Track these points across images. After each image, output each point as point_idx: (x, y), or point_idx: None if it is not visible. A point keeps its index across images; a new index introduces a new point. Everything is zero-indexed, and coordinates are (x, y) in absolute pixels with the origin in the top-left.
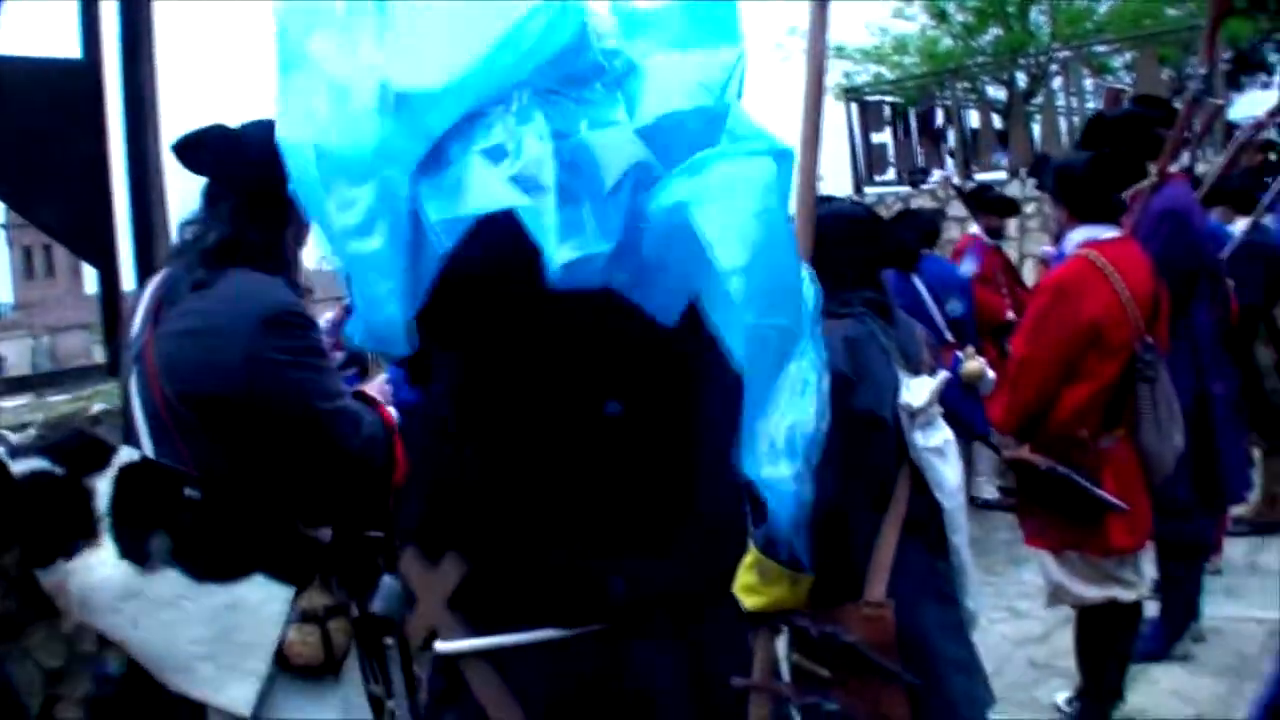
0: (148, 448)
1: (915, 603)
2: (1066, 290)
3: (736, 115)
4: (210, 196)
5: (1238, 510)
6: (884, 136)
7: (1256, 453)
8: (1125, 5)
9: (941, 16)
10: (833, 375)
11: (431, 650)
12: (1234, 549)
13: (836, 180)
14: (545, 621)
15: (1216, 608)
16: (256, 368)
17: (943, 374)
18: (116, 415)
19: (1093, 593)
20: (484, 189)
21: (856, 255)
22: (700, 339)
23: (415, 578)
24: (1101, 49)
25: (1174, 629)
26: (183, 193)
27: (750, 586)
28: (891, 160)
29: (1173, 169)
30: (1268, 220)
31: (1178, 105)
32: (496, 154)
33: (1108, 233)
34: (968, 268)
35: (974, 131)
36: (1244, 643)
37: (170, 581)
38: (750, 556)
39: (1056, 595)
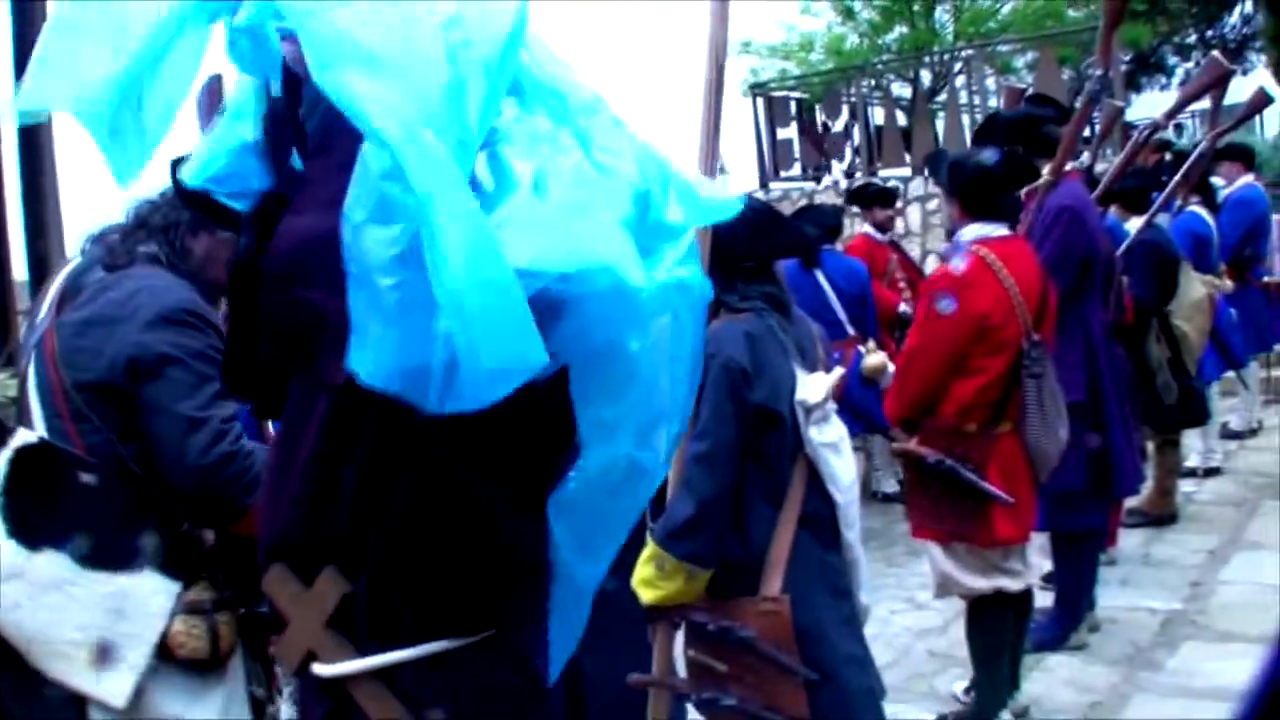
0: (42, 433)
1: (810, 597)
2: (956, 286)
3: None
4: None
5: (1132, 503)
6: (790, 132)
7: (1150, 446)
8: (1028, 6)
9: (848, 14)
10: (733, 370)
11: (308, 673)
12: (1128, 540)
13: (743, 175)
14: (436, 634)
15: (1112, 597)
16: (141, 357)
17: (838, 370)
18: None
19: (979, 583)
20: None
21: (753, 250)
22: None
23: (285, 598)
24: (1004, 49)
25: (1069, 619)
26: (75, 186)
27: (648, 580)
28: (797, 156)
29: (1069, 167)
30: (1161, 219)
31: (1077, 105)
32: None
33: (998, 230)
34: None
35: (879, 129)
36: (1138, 632)
37: (56, 564)
38: (649, 550)
39: (945, 586)
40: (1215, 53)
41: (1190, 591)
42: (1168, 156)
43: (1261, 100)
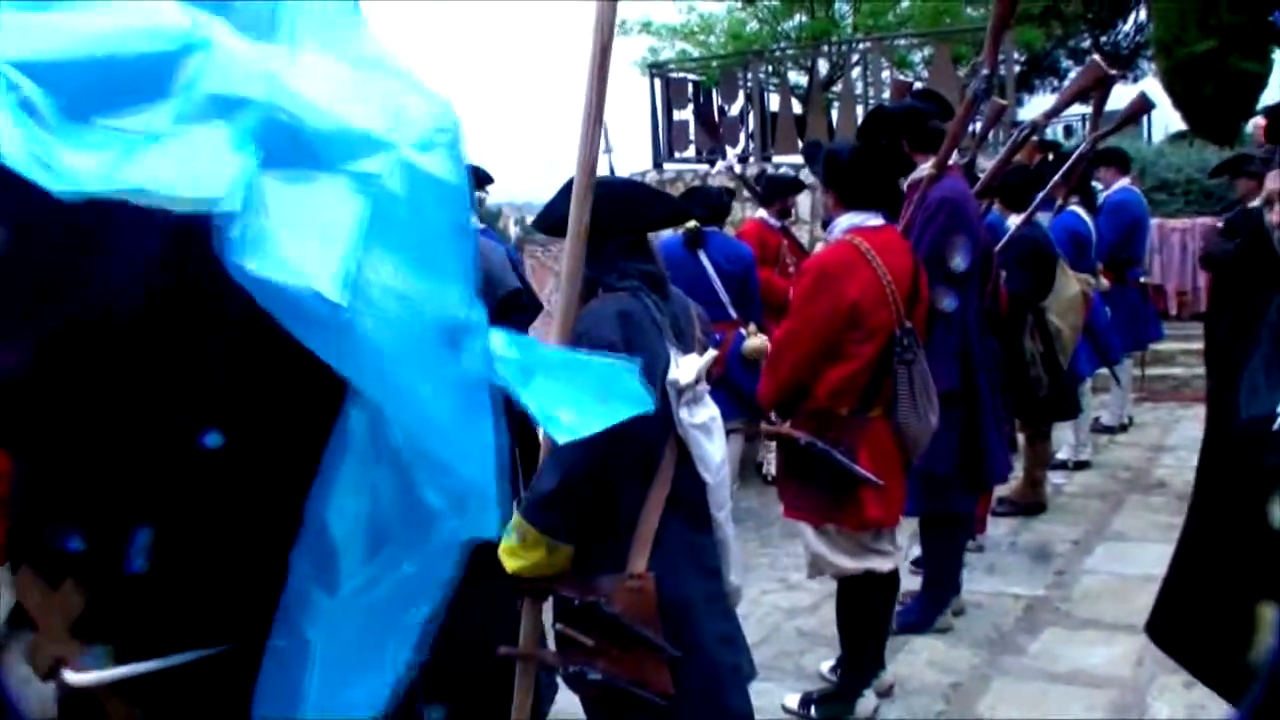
0: None
1: (677, 576)
2: (829, 273)
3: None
4: None
5: (1002, 491)
6: (686, 114)
7: (1021, 437)
8: (926, 2)
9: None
10: (605, 348)
11: (59, 679)
12: (997, 528)
13: (636, 154)
14: (180, 645)
15: (977, 583)
16: None
17: (711, 352)
18: None
19: (850, 564)
20: None
21: (630, 224)
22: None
23: (34, 601)
24: (901, 43)
25: (936, 602)
26: None
27: (511, 550)
28: (692, 138)
29: (951, 162)
30: (1042, 218)
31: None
32: None
33: (873, 220)
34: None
35: (774, 115)
36: (1001, 617)
37: None
38: (513, 520)
39: (816, 565)
40: (1095, 56)
41: (1054, 579)
42: (1050, 157)
43: (1141, 105)
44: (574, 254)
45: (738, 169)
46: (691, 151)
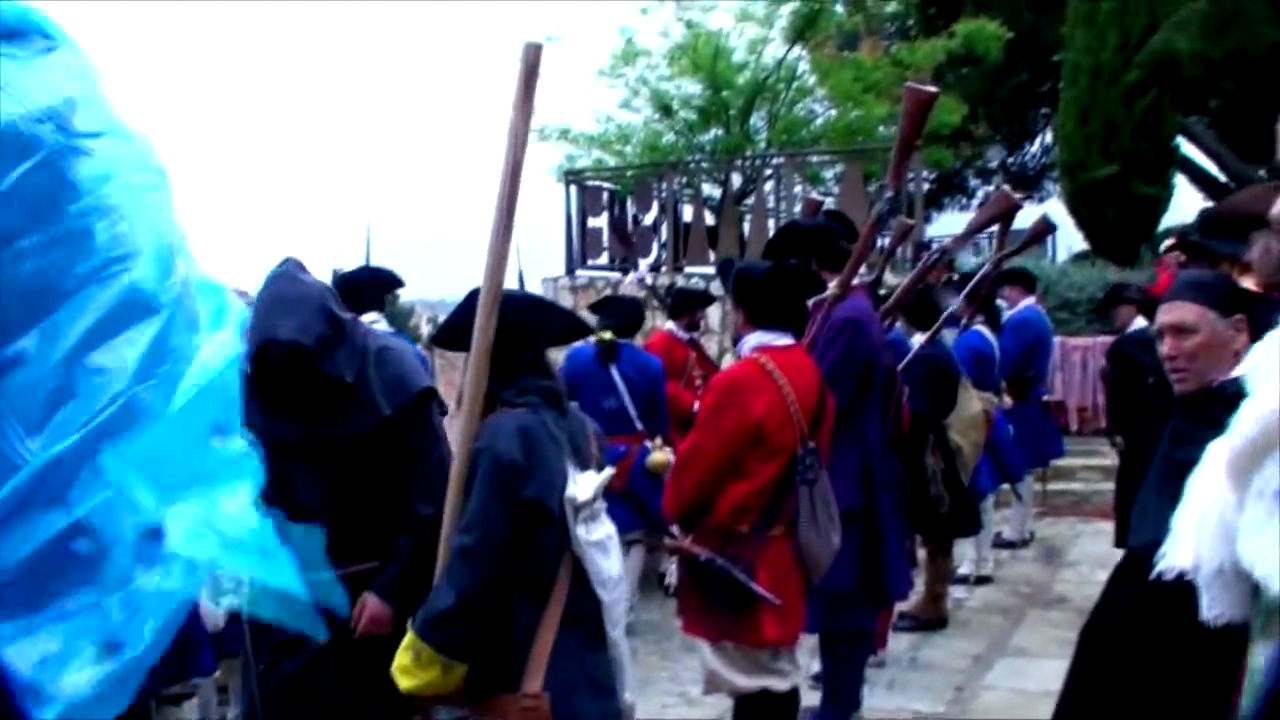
0: None
1: (571, 695)
2: (735, 390)
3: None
4: None
5: (904, 606)
6: (600, 221)
7: (922, 553)
8: (840, 120)
9: (666, 112)
10: (505, 465)
11: None
12: (898, 643)
13: (551, 260)
14: None
15: (878, 699)
16: None
17: (608, 470)
18: None
19: (746, 682)
20: None
21: (531, 339)
22: None
23: None
24: (814, 159)
25: (835, 719)
26: None
27: (405, 668)
28: (606, 245)
29: (856, 281)
30: (948, 336)
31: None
32: None
33: (781, 339)
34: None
35: (687, 226)
36: None
37: None
38: (407, 638)
39: (712, 683)
40: (1005, 186)
41: (954, 695)
42: (954, 277)
43: (1044, 228)
44: (478, 368)
45: (648, 279)
46: (605, 259)
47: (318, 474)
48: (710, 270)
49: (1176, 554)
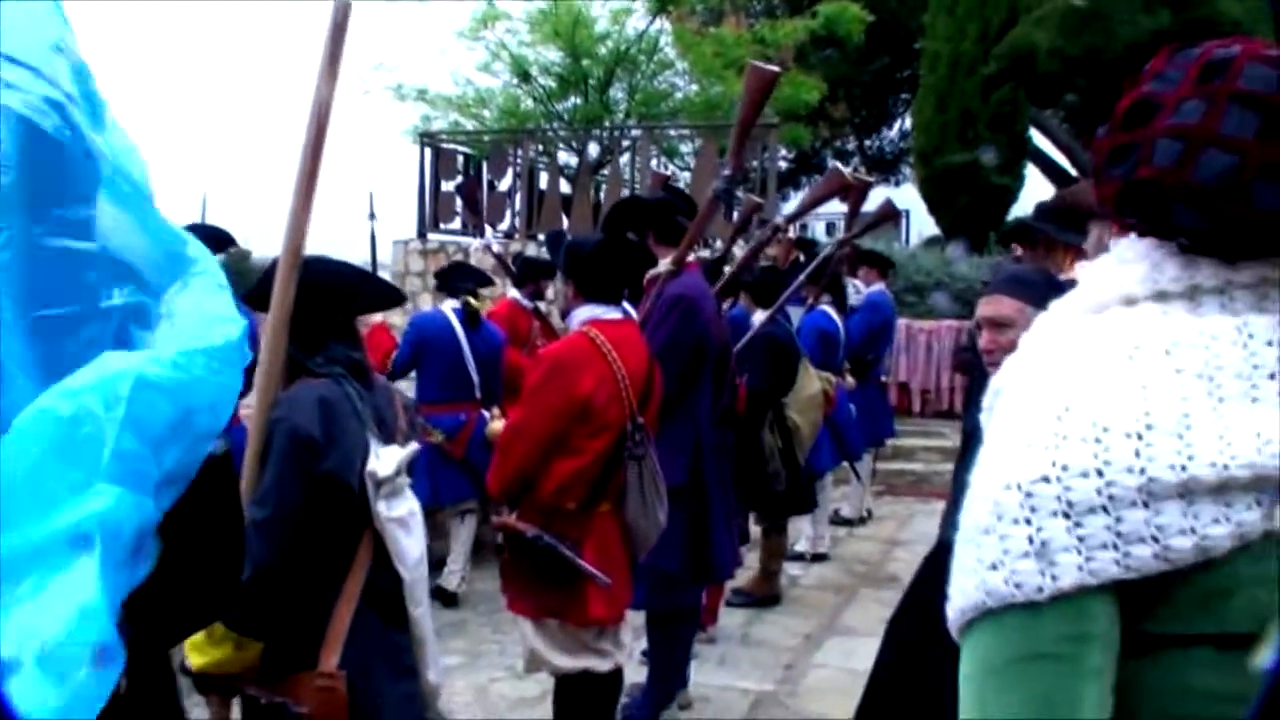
0: None
1: (370, 675)
2: (563, 364)
3: None
4: None
5: (737, 583)
6: (454, 185)
7: (756, 530)
8: (699, 95)
9: (525, 77)
10: (301, 438)
11: None
12: (730, 619)
13: (404, 223)
14: None
15: (707, 676)
16: None
17: (413, 444)
18: None
19: (567, 662)
20: None
21: (335, 310)
22: None
23: None
24: (671, 133)
25: (661, 697)
26: None
27: (196, 645)
28: (459, 210)
29: (691, 258)
30: (795, 314)
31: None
32: None
33: (611, 313)
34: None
35: (542, 193)
36: (728, 712)
37: None
38: None
39: (533, 662)
40: (836, 164)
41: (783, 674)
42: (801, 257)
43: (888, 211)
44: (275, 336)
45: (496, 247)
46: (458, 224)
47: None
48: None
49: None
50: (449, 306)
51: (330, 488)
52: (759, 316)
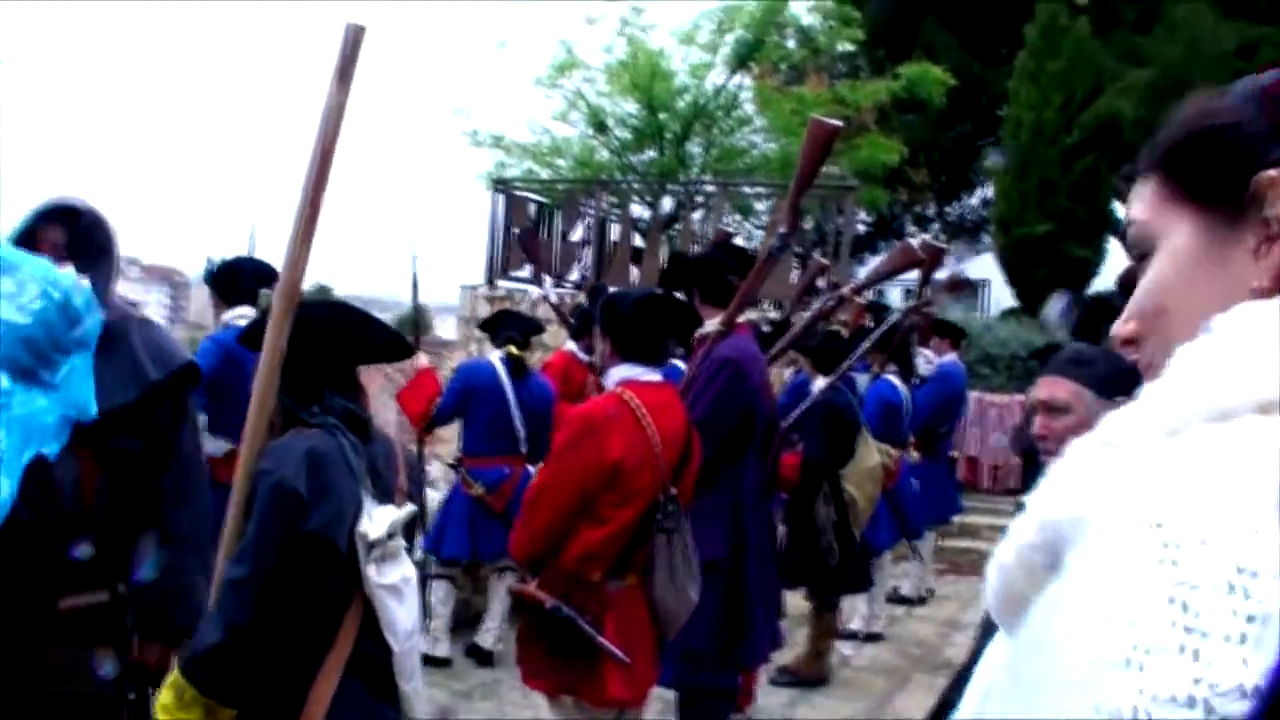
0: None
1: None
2: (593, 425)
3: None
4: None
5: (784, 661)
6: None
7: (808, 606)
8: (777, 154)
9: (601, 128)
10: (286, 492)
11: None
12: (773, 699)
13: (471, 269)
14: None
15: None
16: None
17: (409, 505)
18: None
19: None
20: None
21: (332, 358)
22: None
23: None
24: (747, 190)
25: None
26: None
27: (166, 707)
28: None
29: (743, 320)
30: (861, 382)
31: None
32: None
33: (648, 375)
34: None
35: (613, 245)
36: None
37: None
38: (172, 675)
39: None
40: (909, 240)
41: None
42: (869, 322)
43: (956, 281)
44: (265, 381)
45: (553, 298)
46: (528, 271)
47: (68, 456)
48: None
49: (964, 709)
50: (496, 355)
51: (316, 547)
52: (819, 383)
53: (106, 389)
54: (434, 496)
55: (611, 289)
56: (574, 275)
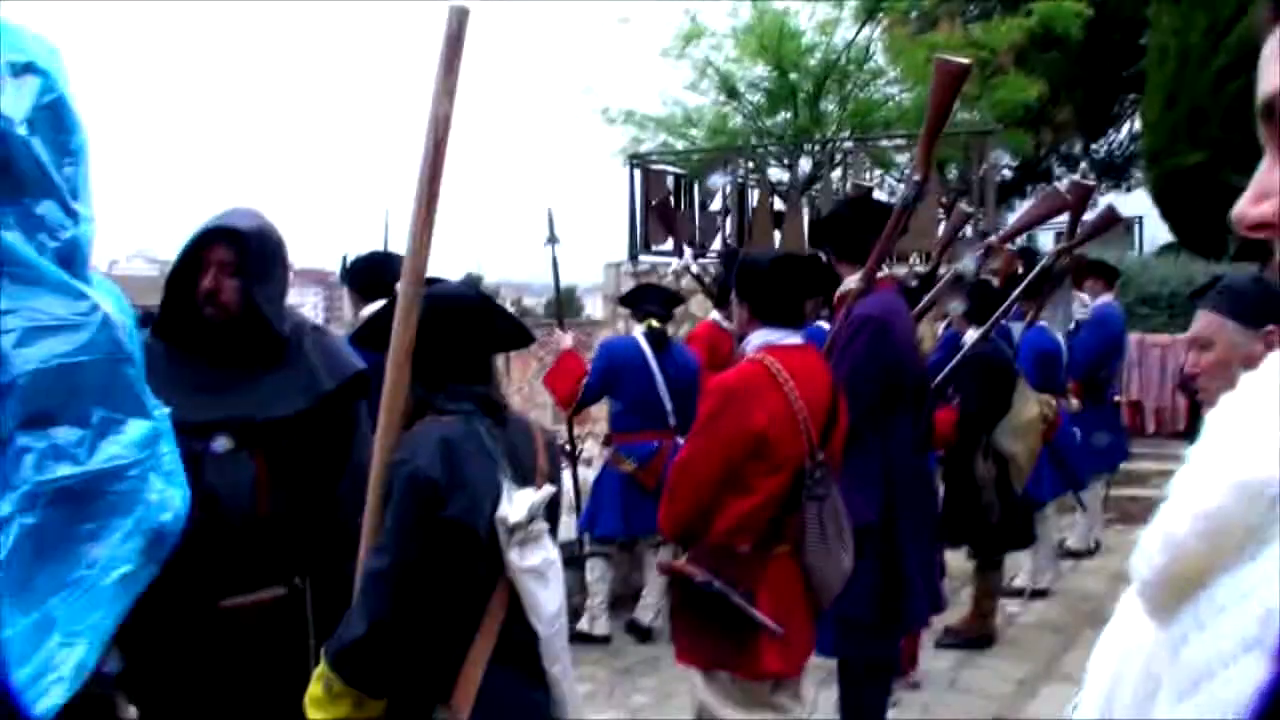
0: None
1: None
2: (735, 395)
3: None
4: None
5: (948, 621)
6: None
7: (970, 566)
8: (914, 103)
9: (732, 94)
10: (421, 481)
11: None
12: (938, 662)
13: (615, 246)
14: None
15: None
16: None
17: (548, 488)
18: None
19: (739, 716)
20: None
21: (464, 345)
22: None
23: None
24: (885, 143)
25: None
26: None
27: (316, 700)
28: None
29: (883, 274)
30: (1015, 330)
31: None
32: None
33: (789, 338)
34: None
35: (753, 211)
36: None
37: None
38: (320, 668)
39: (702, 716)
40: (1059, 183)
41: None
42: (1019, 269)
43: (1109, 218)
44: (395, 373)
45: (694, 268)
46: (670, 244)
47: (247, 458)
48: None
49: (1086, 704)
50: (639, 330)
51: (455, 533)
52: (971, 335)
53: (282, 397)
54: (590, 475)
55: (746, 253)
56: (716, 244)
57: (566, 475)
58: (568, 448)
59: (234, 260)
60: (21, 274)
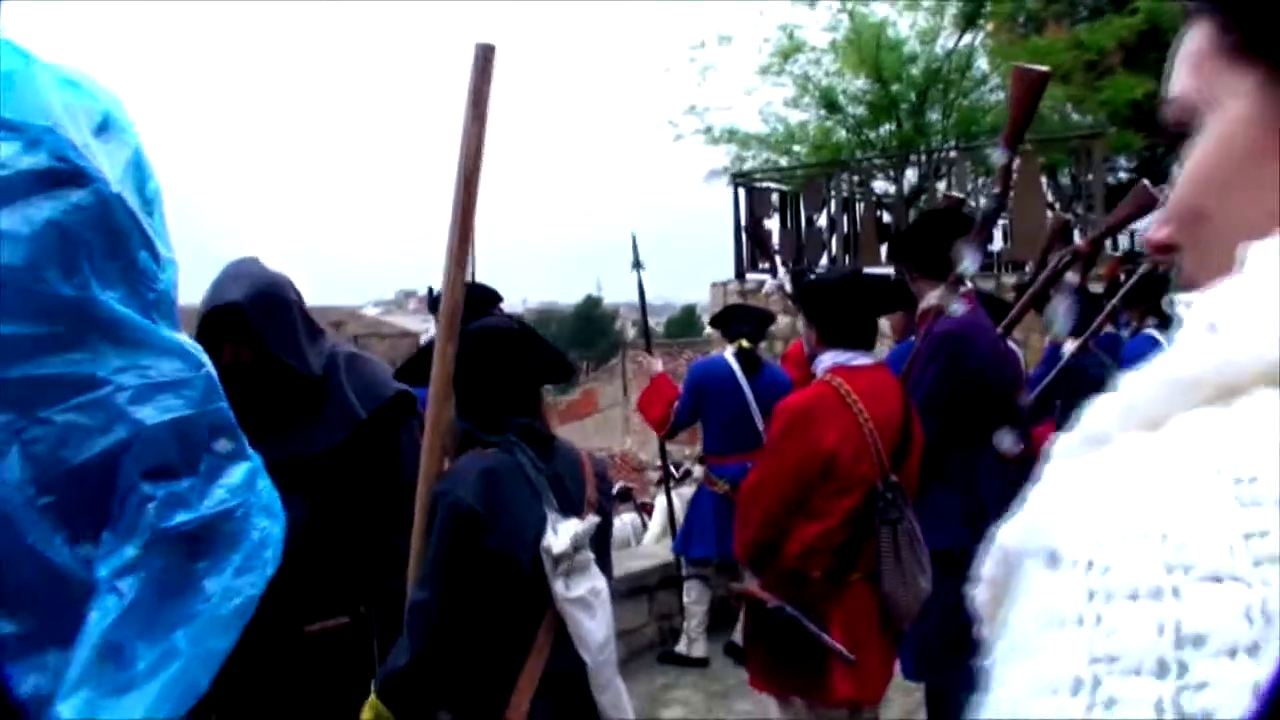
0: None
1: None
2: (802, 417)
3: None
4: None
5: None
6: (771, 224)
7: None
8: None
9: (833, 108)
10: (463, 511)
11: None
12: None
13: (720, 265)
14: None
15: None
16: None
17: (593, 518)
18: None
19: None
20: None
21: (506, 377)
22: None
23: None
24: (988, 151)
25: None
26: None
27: None
28: (777, 248)
29: (965, 289)
30: (1124, 333)
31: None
32: None
33: (858, 359)
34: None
35: (859, 224)
36: None
37: None
38: (370, 698)
39: None
40: (1144, 181)
41: None
42: (1120, 276)
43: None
44: (435, 407)
45: (788, 287)
46: (777, 262)
47: (296, 500)
48: (886, 270)
49: None
50: (729, 351)
51: (498, 564)
52: (1069, 346)
53: (319, 434)
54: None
55: (813, 274)
56: (822, 261)
57: (661, 498)
58: (662, 472)
59: (242, 328)
60: (130, 335)
